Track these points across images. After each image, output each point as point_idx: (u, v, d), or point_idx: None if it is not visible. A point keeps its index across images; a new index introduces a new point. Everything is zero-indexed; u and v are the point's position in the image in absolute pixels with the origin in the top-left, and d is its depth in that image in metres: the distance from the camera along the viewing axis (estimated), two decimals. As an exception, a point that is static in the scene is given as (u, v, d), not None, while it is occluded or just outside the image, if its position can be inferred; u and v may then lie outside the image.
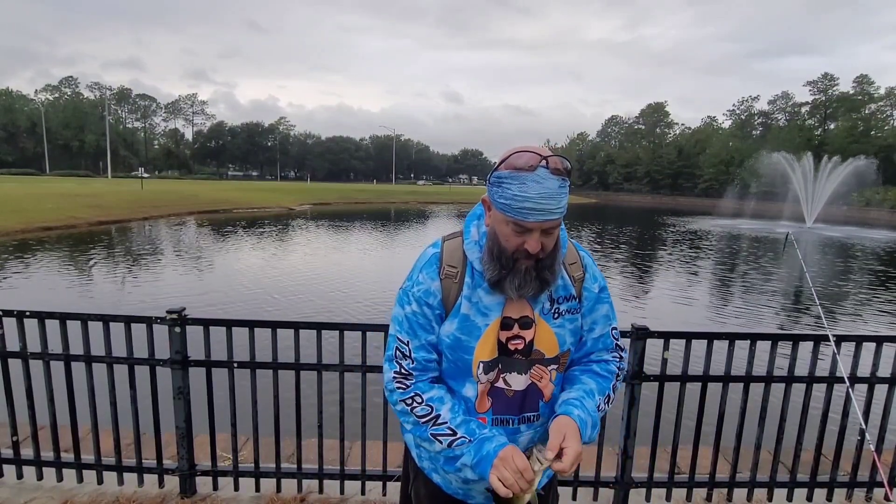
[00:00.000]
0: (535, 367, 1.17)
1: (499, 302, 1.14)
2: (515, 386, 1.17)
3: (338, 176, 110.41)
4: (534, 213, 1.02)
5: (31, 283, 9.62)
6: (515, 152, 1.04)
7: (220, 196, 32.54)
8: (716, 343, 2.31)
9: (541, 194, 1.00)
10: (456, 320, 1.15)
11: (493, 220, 1.11)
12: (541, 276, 1.10)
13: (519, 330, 1.15)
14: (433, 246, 1.21)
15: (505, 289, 1.10)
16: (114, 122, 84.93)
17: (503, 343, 1.15)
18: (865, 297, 10.51)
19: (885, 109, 59.32)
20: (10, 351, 2.36)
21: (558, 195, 1.02)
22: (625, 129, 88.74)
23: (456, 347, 1.15)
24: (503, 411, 1.19)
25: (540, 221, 1.02)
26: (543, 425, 1.22)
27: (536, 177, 1.00)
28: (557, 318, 1.17)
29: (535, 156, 1.01)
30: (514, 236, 1.06)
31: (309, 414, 2.34)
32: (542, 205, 1.01)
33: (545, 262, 1.09)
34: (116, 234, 17.49)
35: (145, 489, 2.48)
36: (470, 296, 1.14)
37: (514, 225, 1.05)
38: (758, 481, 2.44)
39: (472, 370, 1.16)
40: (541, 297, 1.15)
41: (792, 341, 2.33)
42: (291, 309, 7.99)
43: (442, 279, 1.16)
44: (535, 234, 1.04)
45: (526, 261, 1.08)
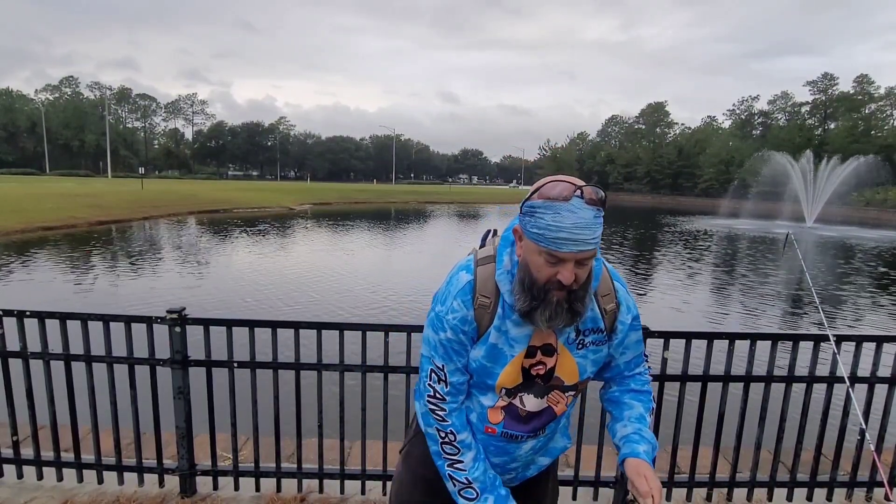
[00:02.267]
0: (554, 392, 1.20)
1: (527, 334, 1.15)
2: (530, 407, 1.20)
3: (338, 176, 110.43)
4: (568, 244, 1.00)
5: (31, 282, 9.62)
6: (549, 182, 1.04)
7: (220, 196, 32.53)
8: (716, 343, 2.31)
9: (575, 224, 0.99)
10: (484, 348, 1.16)
11: (525, 251, 1.08)
12: (572, 307, 1.08)
13: (542, 356, 1.17)
14: (466, 271, 1.19)
15: (535, 320, 1.09)
16: (114, 121, 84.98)
17: (526, 369, 1.17)
18: (866, 297, 10.51)
19: (885, 109, 59.32)
20: (10, 351, 2.36)
21: (593, 225, 1.01)
22: (625, 129, 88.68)
23: (481, 372, 1.18)
24: (513, 427, 1.22)
25: (574, 252, 1.01)
26: (548, 437, 1.28)
27: (571, 206, 0.99)
28: (581, 348, 1.18)
29: (570, 185, 1.01)
30: (546, 267, 1.04)
31: (309, 414, 2.34)
32: (576, 235, 0.99)
33: (577, 294, 1.08)
34: (116, 234, 17.50)
35: (145, 489, 2.48)
36: (499, 326, 1.15)
37: (548, 255, 1.03)
38: (758, 481, 2.44)
39: (494, 390, 1.20)
40: (565, 330, 1.16)
41: (792, 341, 2.33)
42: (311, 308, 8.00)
43: (475, 308, 1.16)
44: (568, 264, 1.03)
45: (558, 292, 1.06)
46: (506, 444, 1.23)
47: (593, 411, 2.39)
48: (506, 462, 1.27)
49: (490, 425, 1.21)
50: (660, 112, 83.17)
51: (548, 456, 1.35)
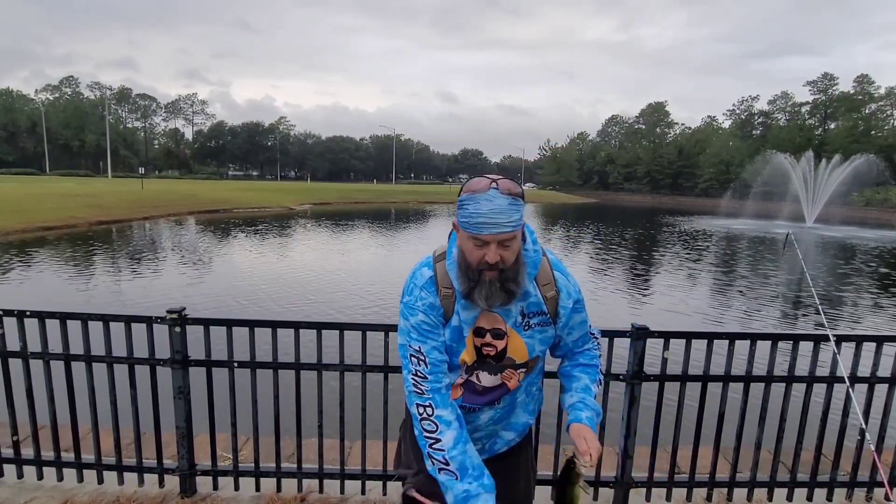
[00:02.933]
0: (507, 370, 1.36)
1: (474, 315, 1.31)
2: (485, 383, 1.37)
3: (338, 176, 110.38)
4: (487, 227, 1.17)
5: (31, 282, 9.62)
6: (474, 179, 1.24)
7: (220, 196, 32.53)
8: (716, 343, 2.31)
9: (492, 210, 1.17)
10: (449, 330, 1.33)
11: (460, 239, 1.27)
12: (505, 287, 1.24)
13: (491, 339, 1.33)
14: (427, 267, 1.36)
15: (475, 300, 1.25)
16: (114, 121, 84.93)
17: (478, 348, 1.34)
18: (867, 298, 10.51)
19: (885, 109, 59.32)
20: (10, 350, 2.36)
21: (508, 211, 1.18)
22: (625, 129, 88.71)
23: (448, 352, 1.34)
24: (470, 400, 1.39)
25: (493, 234, 1.18)
26: (504, 409, 1.43)
27: (488, 196, 1.18)
28: (528, 330, 1.34)
29: (488, 180, 1.21)
30: (475, 250, 1.22)
31: (309, 414, 2.34)
32: (493, 219, 1.17)
33: (508, 274, 1.23)
34: (116, 234, 17.50)
35: (145, 489, 2.48)
36: (459, 311, 1.31)
37: (474, 239, 1.21)
38: (758, 481, 2.44)
39: (459, 367, 1.36)
40: (513, 312, 1.31)
41: (792, 341, 2.33)
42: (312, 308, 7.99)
43: (441, 299, 1.32)
44: (492, 246, 1.19)
45: (489, 272, 1.22)
46: (465, 414, 1.38)
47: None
48: (468, 432, 1.36)
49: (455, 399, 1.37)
50: (660, 112, 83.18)
51: (511, 430, 1.48)
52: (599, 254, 16.01)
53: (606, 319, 8.08)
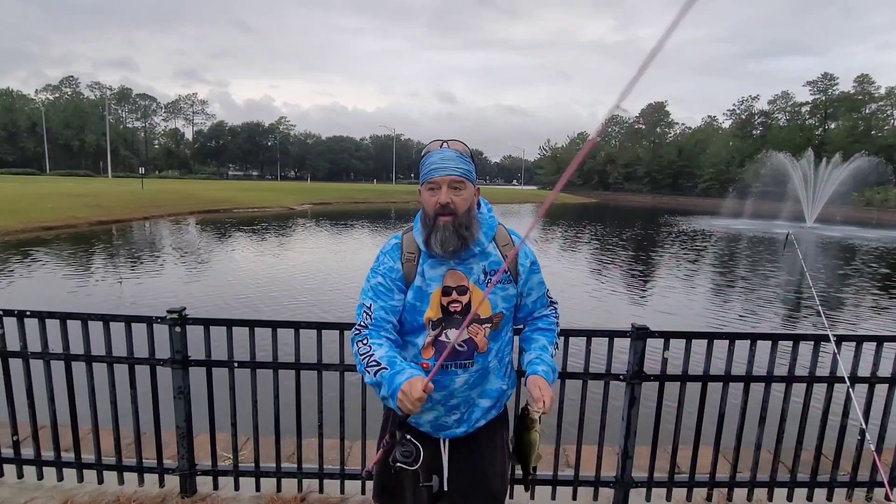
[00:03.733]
0: (473, 325, 1.47)
1: (440, 274, 1.47)
2: (453, 339, 1.45)
3: (338, 176, 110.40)
4: (437, 170, 1.40)
5: (31, 282, 9.62)
6: (429, 143, 1.48)
7: (220, 196, 32.52)
8: (716, 343, 2.31)
9: (442, 158, 1.42)
10: (412, 291, 1.49)
11: (421, 197, 1.46)
12: (458, 232, 1.40)
13: (457, 296, 1.47)
14: (395, 238, 1.56)
15: (431, 245, 1.42)
16: (114, 121, 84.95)
17: (444, 306, 1.47)
18: (868, 299, 10.51)
19: (885, 109, 59.28)
20: (10, 350, 2.36)
21: (455, 159, 1.41)
22: (625, 129, 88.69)
23: (411, 310, 1.49)
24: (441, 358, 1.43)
25: (443, 176, 1.40)
26: (478, 372, 1.50)
27: (439, 150, 1.44)
28: (490, 286, 1.46)
29: (439, 141, 1.47)
30: (430, 197, 1.42)
31: (309, 413, 2.34)
32: (442, 164, 1.41)
33: (460, 220, 1.41)
34: (117, 234, 17.50)
35: (146, 489, 2.48)
36: (422, 272, 1.48)
37: (429, 185, 1.41)
38: (758, 481, 2.44)
39: (424, 327, 1.48)
40: (475, 270, 1.47)
41: (792, 341, 2.33)
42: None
43: (403, 262, 1.50)
44: (443, 188, 1.40)
45: (444, 217, 1.40)
46: (441, 378, 1.45)
47: (593, 413, 2.39)
48: (446, 398, 1.49)
49: (424, 361, 1.48)
50: (660, 112, 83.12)
51: (487, 397, 1.55)
52: (598, 254, 16.01)
53: (607, 319, 8.09)
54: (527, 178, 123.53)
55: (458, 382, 1.49)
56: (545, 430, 1.43)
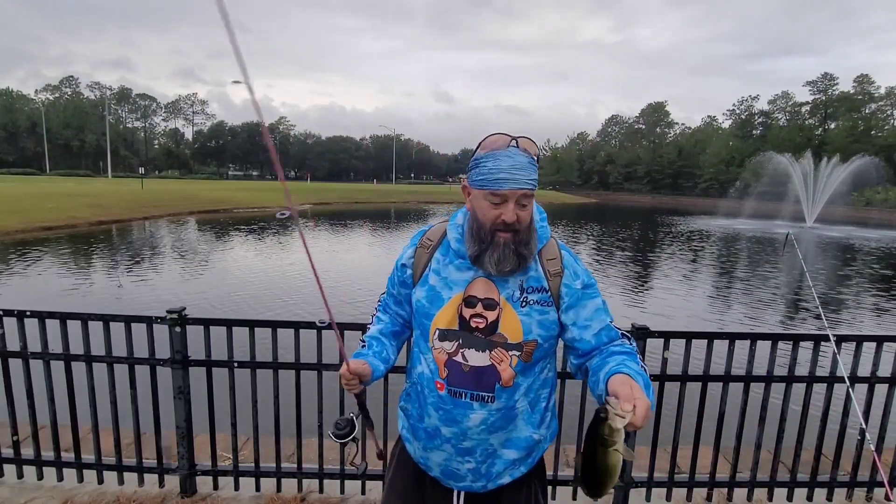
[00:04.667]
0: (497, 349, 1.22)
1: (466, 279, 1.24)
2: (472, 362, 1.22)
3: (338, 176, 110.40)
4: (508, 182, 1.13)
5: (31, 282, 9.62)
6: (490, 137, 1.18)
7: (220, 196, 32.52)
8: (716, 343, 2.31)
9: (512, 166, 1.14)
10: (424, 289, 1.28)
11: (473, 201, 1.22)
12: (518, 251, 1.18)
13: (482, 309, 1.22)
14: (429, 227, 1.38)
15: (484, 263, 1.19)
16: (114, 121, 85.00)
17: (465, 319, 1.23)
18: (866, 299, 10.51)
19: (885, 109, 59.31)
20: (10, 350, 2.36)
21: (528, 168, 1.15)
22: (625, 129, 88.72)
23: (419, 312, 1.29)
24: (457, 384, 1.24)
25: (514, 189, 1.14)
26: (500, 412, 1.23)
27: (508, 153, 1.15)
28: (525, 306, 1.22)
29: (507, 137, 1.17)
30: (491, 209, 1.17)
31: (309, 414, 2.34)
32: (514, 175, 1.13)
33: (522, 237, 1.19)
34: (117, 234, 17.50)
35: (146, 489, 2.48)
36: (439, 270, 1.27)
37: (491, 196, 1.16)
38: (758, 481, 2.44)
39: (430, 336, 1.26)
40: (510, 283, 1.23)
41: (792, 341, 2.33)
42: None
43: (417, 247, 1.33)
44: (510, 204, 1.15)
45: (504, 234, 1.17)
46: (453, 409, 1.23)
47: (593, 412, 2.38)
48: (457, 436, 1.24)
49: (440, 380, 1.25)
50: (660, 112, 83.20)
51: (513, 447, 1.26)
52: (595, 254, 16.00)
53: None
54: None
55: (472, 420, 1.23)
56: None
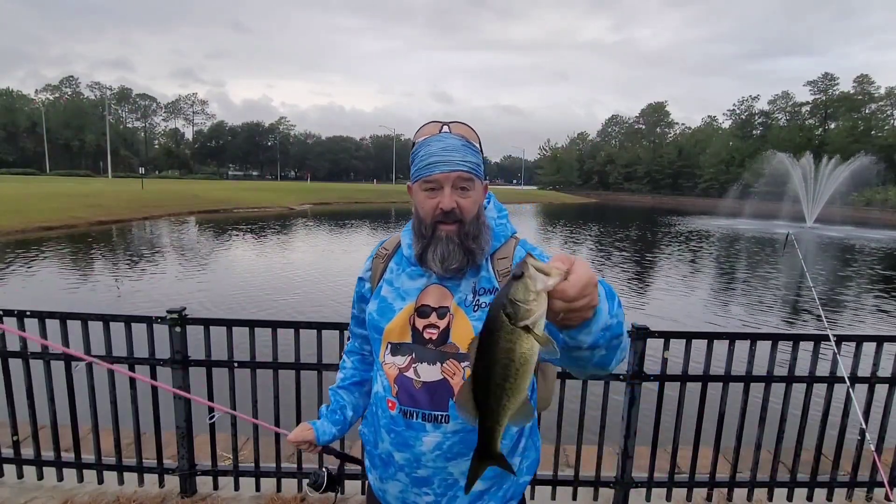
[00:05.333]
0: (449, 360, 1.08)
1: (418, 287, 1.13)
2: (424, 377, 1.09)
3: (338, 176, 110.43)
4: (439, 165, 1.04)
5: (31, 282, 9.62)
6: (421, 126, 1.10)
7: (220, 196, 32.52)
8: (716, 343, 2.31)
9: (443, 148, 1.05)
10: (376, 301, 1.17)
11: (413, 198, 1.13)
12: (465, 245, 1.06)
13: (436, 319, 1.10)
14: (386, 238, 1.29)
15: (428, 262, 1.08)
16: (114, 122, 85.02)
17: (419, 331, 1.11)
18: (867, 299, 10.50)
19: (885, 109, 59.30)
20: (10, 351, 2.36)
21: (461, 150, 1.05)
22: (625, 129, 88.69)
23: (371, 326, 1.18)
24: (408, 402, 1.10)
25: (446, 172, 1.04)
26: (458, 434, 1.07)
27: (440, 136, 1.07)
28: (477, 310, 1.08)
29: (438, 123, 1.09)
30: (428, 200, 1.07)
31: (309, 414, 2.34)
32: (445, 157, 1.04)
33: (468, 229, 1.07)
34: (117, 234, 17.50)
35: (146, 489, 2.48)
36: (392, 280, 1.16)
37: (426, 184, 1.07)
38: (758, 481, 2.44)
39: (381, 351, 1.15)
40: (462, 287, 1.10)
41: (792, 341, 2.33)
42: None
43: (374, 258, 1.23)
44: (446, 189, 1.05)
45: (445, 226, 1.06)
46: (404, 430, 1.10)
47: (593, 413, 2.39)
48: (410, 463, 1.10)
49: (391, 398, 1.12)
50: (660, 112, 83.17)
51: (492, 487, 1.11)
52: (595, 255, 16.00)
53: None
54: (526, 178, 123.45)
55: (426, 444, 1.08)
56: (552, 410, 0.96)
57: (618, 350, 0.87)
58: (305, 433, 1.31)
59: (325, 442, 1.32)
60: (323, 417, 1.34)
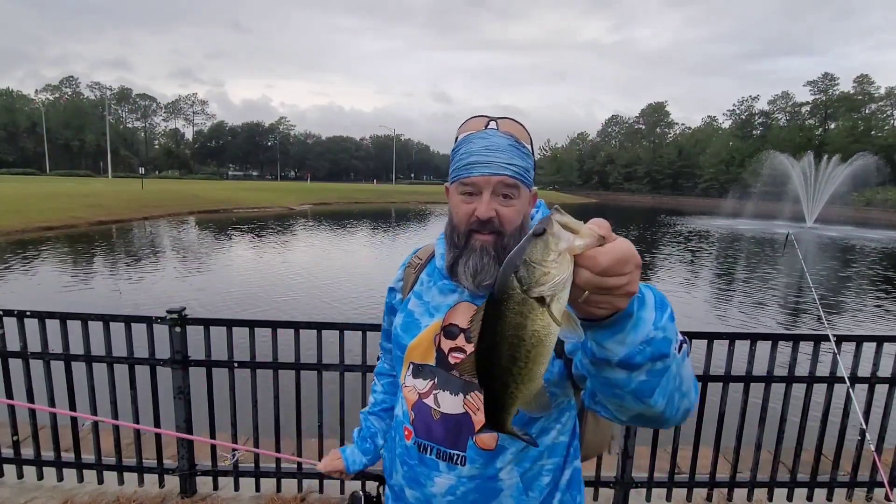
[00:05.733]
0: (473, 393, 0.94)
1: (448, 304, 0.99)
2: (444, 407, 0.97)
3: (338, 176, 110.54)
4: (478, 167, 0.90)
5: (31, 282, 9.62)
6: (467, 120, 0.98)
7: (220, 196, 32.53)
8: (716, 343, 2.31)
9: (486, 147, 0.91)
10: (402, 315, 1.07)
11: (450, 201, 0.98)
12: (501, 259, 0.90)
13: (464, 342, 0.96)
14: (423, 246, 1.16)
15: (458, 274, 0.95)
16: (114, 122, 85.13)
17: (443, 353, 0.97)
18: (867, 299, 10.51)
19: (885, 109, 59.34)
20: (10, 351, 2.36)
21: (508, 151, 0.91)
22: (625, 129, 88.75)
23: (395, 342, 1.07)
24: (424, 434, 0.98)
25: (486, 175, 0.90)
26: (474, 480, 0.94)
27: (484, 133, 0.93)
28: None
29: (485, 118, 0.95)
30: (463, 204, 0.93)
31: (309, 414, 2.34)
32: (487, 157, 0.90)
33: (507, 243, 0.91)
34: (117, 234, 17.51)
35: (146, 489, 2.48)
36: (421, 293, 1.04)
37: (462, 187, 0.93)
38: (758, 481, 2.44)
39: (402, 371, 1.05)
40: None
41: (792, 341, 2.33)
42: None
43: (406, 267, 1.12)
44: (484, 195, 0.91)
45: (480, 236, 0.92)
46: (417, 465, 0.99)
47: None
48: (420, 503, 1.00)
49: (408, 425, 1.02)
50: (660, 112, 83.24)
51: None
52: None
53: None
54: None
55: (437, 485, 0.96)
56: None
57: (663, 377, 0.67)
58: (335, 463, 1.26)
59: (354, 471, 1.26)
60: (354, 444, 1.29)
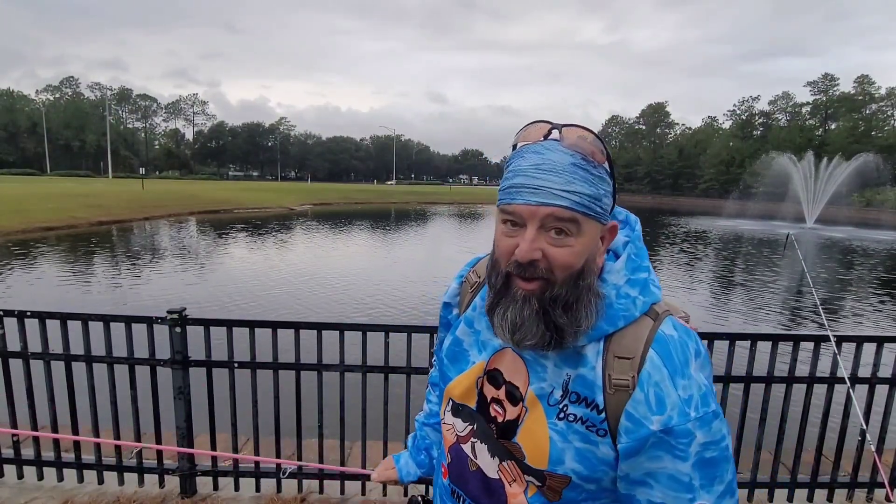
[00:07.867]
0: (510, 462, 0.79)
1: (494, 346, 0.82)
2: (481, 462, 0.83)
3: (338, 176, 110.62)
4: (523, 192, 0.67)
5: (31, 282, 9.63)
6: (526, 126, 0.73)
7: (220, 196, 32.54)
8: (716, 343, 2.31)
9: (538, 166, 0.67)
10: (451, 339, 0.89)
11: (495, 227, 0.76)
12: (549, 315, 0.69)
13: (504, 397, 0.80)
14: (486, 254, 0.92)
15: (495, 326, 0.75)
16: (114, 122, 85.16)
17: (485, 400, 0.82)
18: (867, 298, 10.50)
19: (885, 109, 59.35)
20: (10, 351, 2.36)
21: (566, 172, 0.66)
22: (625, 130, 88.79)
23: (440, 369, 0.92)
24: (458, 482, 0.87)
25: (531, 206, 0.66)
26: None
27: (539, 147, 0.68)
28: (561, 418, 0.73)
29: (547, 125, 0.70)
30: (505, 237, 0.71)
31: (309, 414, 2.34)
32: (536, 180, 0.66)
33: (557, 294, 0.69)
34: (117, 234, 17.51)
35: (146, 489, 2.48)
36: (473, 320, 0.86)
37: (504, 214, 0.70)
38: (758, 482, 2.44)
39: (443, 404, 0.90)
40: (550, 371, 0.75)
41: (793, 342, 2.32)
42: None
43: (462, 282, 0.94)
44: (528, 231, 0.67)
45: (523, 283, 0.70)
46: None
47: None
48: None
49: (445, 464, 0.91)
50: (660, 112, 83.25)
51: None
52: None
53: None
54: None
55: None
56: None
57: None
58: (389, 473, 1.17)
59: (408, 482, 1.18)
60: (407, 454, 1.19)
